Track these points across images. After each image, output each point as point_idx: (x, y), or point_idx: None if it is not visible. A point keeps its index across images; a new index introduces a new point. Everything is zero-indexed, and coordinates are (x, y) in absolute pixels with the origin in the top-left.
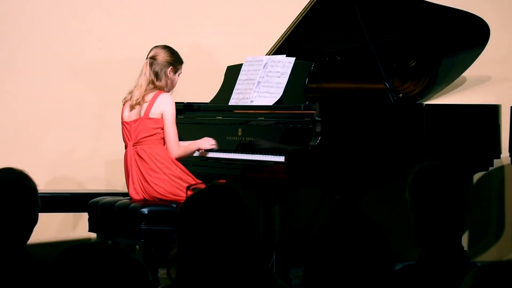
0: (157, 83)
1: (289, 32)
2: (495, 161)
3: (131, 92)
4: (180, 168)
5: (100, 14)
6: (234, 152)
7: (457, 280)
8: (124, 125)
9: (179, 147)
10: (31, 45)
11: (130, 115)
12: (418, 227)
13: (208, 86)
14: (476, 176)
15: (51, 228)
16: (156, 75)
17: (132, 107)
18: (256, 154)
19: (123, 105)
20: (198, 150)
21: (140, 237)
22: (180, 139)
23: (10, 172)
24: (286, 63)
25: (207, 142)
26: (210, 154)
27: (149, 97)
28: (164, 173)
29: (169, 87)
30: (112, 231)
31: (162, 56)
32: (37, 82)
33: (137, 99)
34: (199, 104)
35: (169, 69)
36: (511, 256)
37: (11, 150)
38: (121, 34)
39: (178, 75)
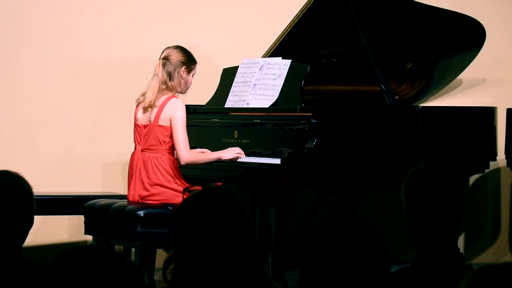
0: (170, 84)
1: (285, 34)
2: (491, 163)
3: (144, 94)
4: (183, 184)
5: (97, 16)
6: None
7: (453, 283)
8: (136, 127)
9: (188, 152)
10: (28, 47)
11: (142, 118)
12: (414, 230)
13: (204, 88)
14: (472, 178)
15: (46, 230)
16: (169, 75)
17: (145, 110)
18: (252, 156)
19: (137, 106)
20: (219, 160)
21: (136, 240)
22: None
23: (6, 175)
24: (282, 65)
25: (231, 154)
26: None
27: (159, 101)
28: (165, 186)
29: (182, 87)
30: (108, 233)
31: (175, 56)
32: (34, 84)
33: (150, 101)
34: (195, 107)
35: (182, 69)
36: (507, 258)
37: (7, 152)
38: (118, 36)
39: (193, 75)
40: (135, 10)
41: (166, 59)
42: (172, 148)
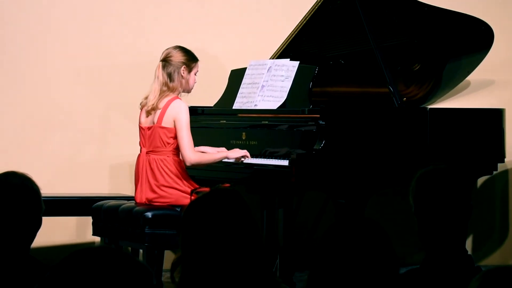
0: (171, 85)
1: (293, 36)
2: (499, 165)
3: (146, 97)
4: (191, 184)
5: (105, 18)
6: None
7: (461, 284)
8: (140, 129)
9: (194, 153)
10: (36, 48)
11: (146, 121)
12: (422, 231)
13: (212, 89)
14: (480, 180)
15: (54, 231)
16: (170, 76)
17: (148, 113)
18: (260, 158)
19: (141, 109)
20: (225, 159)
21: (144, 241)
22: None
23: (14, 176)
24: (290, 67)
25: (238, 153)
26: None
27: (162, 103)
28: (173, 187)
29: (184, 87)
30: (116, 234)
31: (175, 57)
32: (41, 85)
33: (152, 105)
34: (203, 108)
35: (182, 68)
36: None
37: (15, 153)
38: (125, 38)
39: (195, 74)
40: (143, 13)
41: (165, 60)
42: (177, 150)
